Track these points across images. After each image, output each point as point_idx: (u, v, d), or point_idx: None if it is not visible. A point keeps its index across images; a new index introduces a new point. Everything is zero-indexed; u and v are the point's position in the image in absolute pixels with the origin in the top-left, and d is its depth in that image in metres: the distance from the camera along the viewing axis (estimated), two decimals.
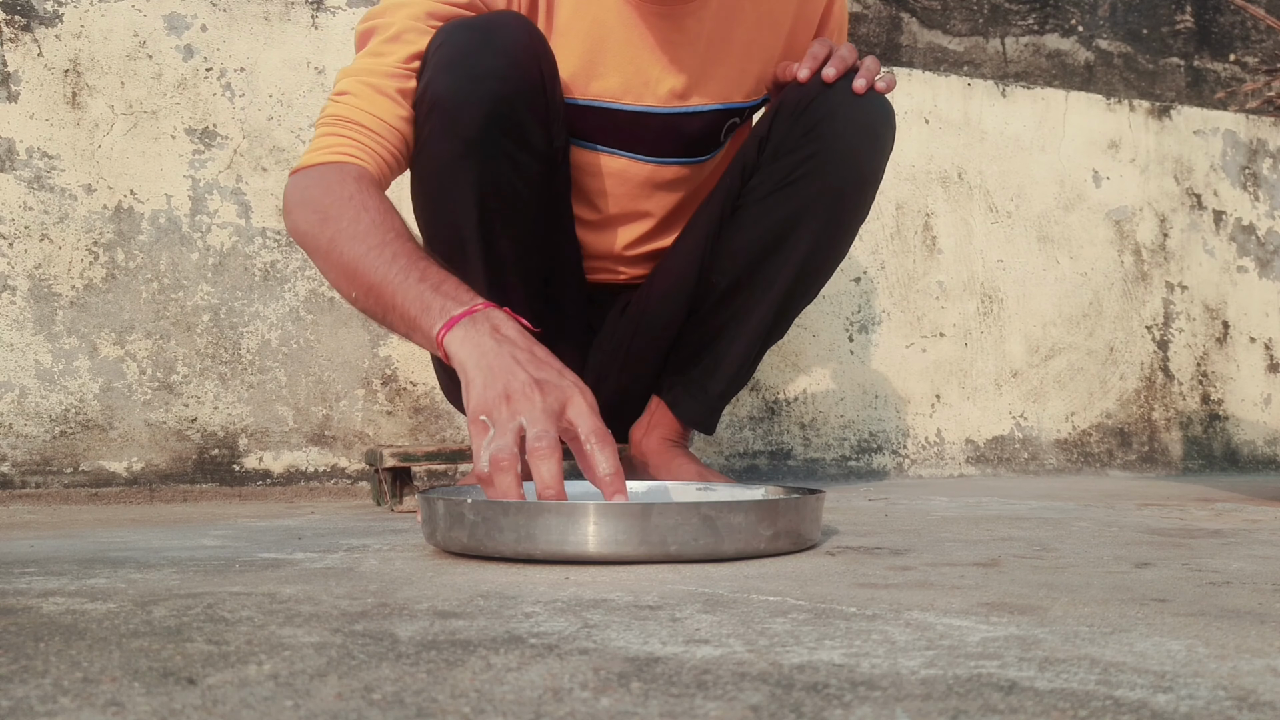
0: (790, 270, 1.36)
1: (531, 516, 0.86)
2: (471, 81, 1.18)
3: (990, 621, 0.63)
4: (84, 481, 1.62)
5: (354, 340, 1.78)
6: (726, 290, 1.38)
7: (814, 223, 1.33)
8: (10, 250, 1.60)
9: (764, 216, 1.34)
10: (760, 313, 1.38)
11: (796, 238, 1.34)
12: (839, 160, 1.31)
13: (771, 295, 1.37)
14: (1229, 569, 0.85)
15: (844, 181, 1.32)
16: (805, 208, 1.32)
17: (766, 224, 1.34)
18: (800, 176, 1.31)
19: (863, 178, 1.33)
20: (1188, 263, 2.49)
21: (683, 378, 1.42)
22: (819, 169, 1.31)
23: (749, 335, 1.39)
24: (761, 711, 0.44)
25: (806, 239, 1.34)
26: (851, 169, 1.32)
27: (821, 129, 1.30)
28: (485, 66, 1.18)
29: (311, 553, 0.96)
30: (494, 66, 1.18)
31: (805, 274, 1.38)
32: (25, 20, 1.63)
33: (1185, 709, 0.45)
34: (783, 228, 1.33)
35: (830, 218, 1.34)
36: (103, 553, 0.95)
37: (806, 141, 1.30)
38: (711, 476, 1.39)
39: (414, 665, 0.52)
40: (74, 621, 0.63)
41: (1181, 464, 2.45)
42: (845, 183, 1.32)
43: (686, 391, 1.42)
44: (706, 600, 0.70)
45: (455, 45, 1.19)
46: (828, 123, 1.30)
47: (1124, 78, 2.49)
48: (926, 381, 2.22)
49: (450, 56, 1.18)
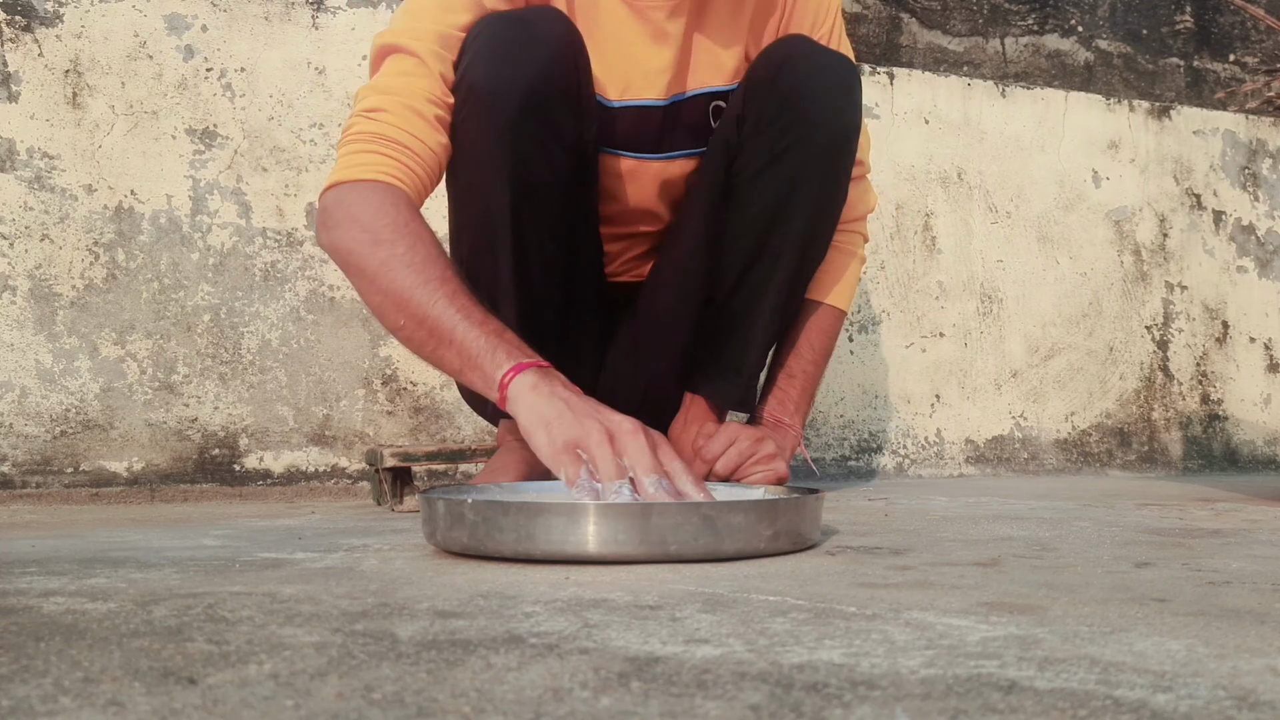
0: (795, 238, 1.37)
1: (531, 516, 0.86)
2: (511, 68, 1.20)
3: (990, 621, 0.63)
4: (84, 481, 1.62)
5: (354, 340, 1.78)
6: (739, 272, 1.39)
7: (809, 187, 1.35)
8: (11, 250, 1.60)
9: (760, 192, 1.35)
10: (775, 285, 1.39)
11: (796, 206, 1.36)
12: (820, 122, 1.33)
13: (783, 266, 1.38)
14: (1229, 569, 0.85)
15: (830, 140, 1.34)
16: (798, 175, 1.34)
17: (765, 199, 1.35)
18: (787, 146, 1.33)
19: (845, 132, 1.36)
20: (1187, 263, 2.49)
21: (715, 368, 1.43)
22: (803, 135, 1.33)
23: (769, 310, 1.41)
24: (761, 711, 0.44)
25: (805, 204, 1.36)
26: (834, 127, 1.34)
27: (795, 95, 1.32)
28: (524, 56, 1.20)
29: (312, 552, 0.96)
30: (532, 56, 1.20)
31: (811, 238, 1.40)
32: (25, 20, 1.63)
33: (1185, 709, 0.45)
34: (780, 199, 1.35)
35: (824, 178, 1.36)
36: (103, 552, 0.95)
37: (784, 110, 1.32)
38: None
39: (414, 665, 0.52)
40: (74, 621, 0.63)
41: (1181, 464, 2.45)
42: (831, 141, 1.35)
43: (723, 379, 1.43)
44: (706, 600, 0.70)
45: (495, 35, 1.21)
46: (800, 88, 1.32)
47: (1124, 78, 2.49)
48: (926, 381, 2.22)
49: (490, 46, 1.20)
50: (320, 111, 1.77)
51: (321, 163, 1.77)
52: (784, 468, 1.38)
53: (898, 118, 2.22)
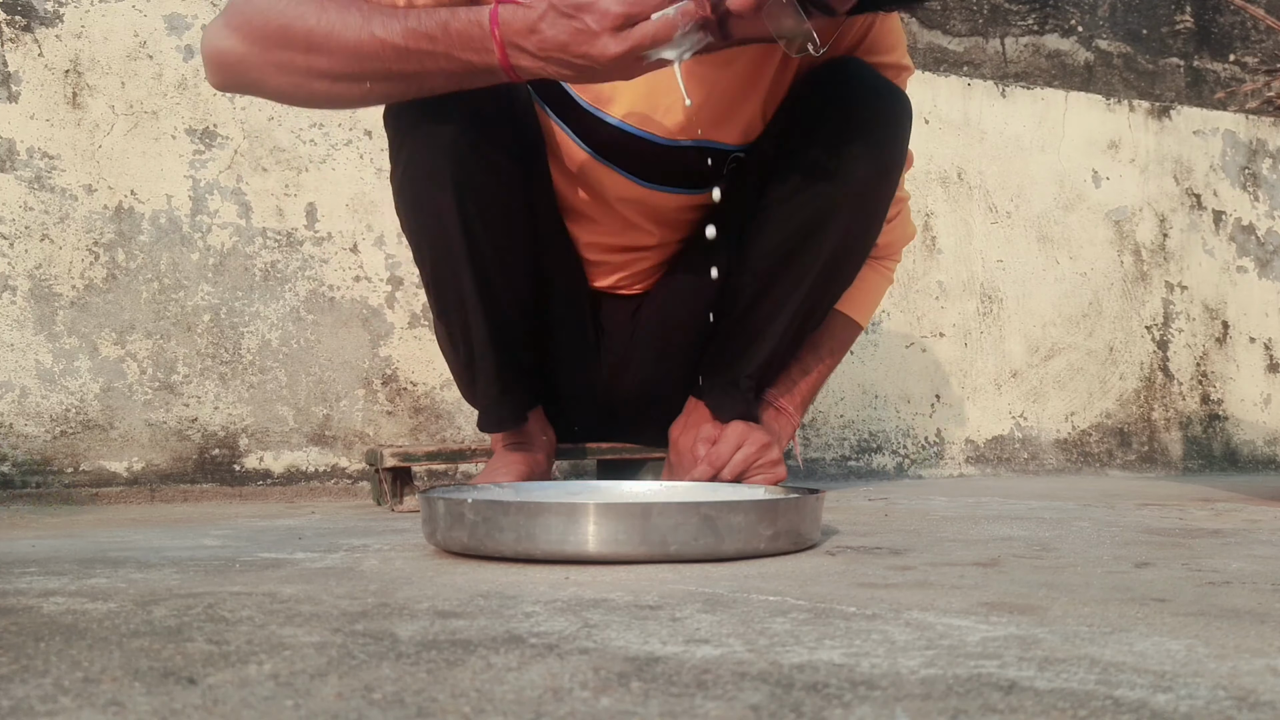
0: (820, 265, 1.34)
1: (531, 516, 0.86)
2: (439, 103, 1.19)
3: (990, 621, 0.63)
4: (84, 481, 1.62)
5: (354, 340, 1.78)
6: (757, 292, 1.37)
7: (842, 217, 1.31)
8: (11, 250, 1.60)
9: (791, 216, 1.32)
10: (792, 307, 1.36)
11: (825, 234, 1.32)
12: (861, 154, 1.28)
13: (802, 291, 1.35)
14: (1229, 569, 0.85)
15: (869, 173, 1.30)
16: (832, 204, 1.30)
17: (794, 224, 1.32)
18: (824, 174, 1.29)
19: (886, 167, 1.31)
20: (1187, 263, 2.49)
21: (723, 378, 1.41)
22: (842, 165, 1.28)
23: (781, 332, 1.38)
24: (761, 711, 0.44)
25: (835, 234, 1.32)
26: (875, 161, 1.30)
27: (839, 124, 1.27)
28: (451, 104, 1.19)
29: (312, 552, 0.95)
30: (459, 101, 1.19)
31: (836, 267, 1.37)
32: (26, 20, 1.63)
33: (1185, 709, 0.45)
34: (810, 225, 1.31)
35: (856, 211, 1.32)
36: (103, 553, 0.95)
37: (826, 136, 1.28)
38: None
39: (414, 665, 0.52)
40: (74, 621, 0.63)
41: (1181, 464, 2.45)
42: (870, 175, 1.30)
43: (729, 391, 1.42)
44: (706, 600, 0.70)
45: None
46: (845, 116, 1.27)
47: (1124, 78, 2.49)
48: (926, 381, 2.22)
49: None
50: (320, 112, 1.77)
51: (322, 162, 1.77)
52: (784, 472, 1.38)
53: None
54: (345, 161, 1.79)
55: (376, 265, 1.80)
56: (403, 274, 1.81)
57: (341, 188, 1.78)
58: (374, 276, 1.80)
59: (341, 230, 1.78)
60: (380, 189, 1.79)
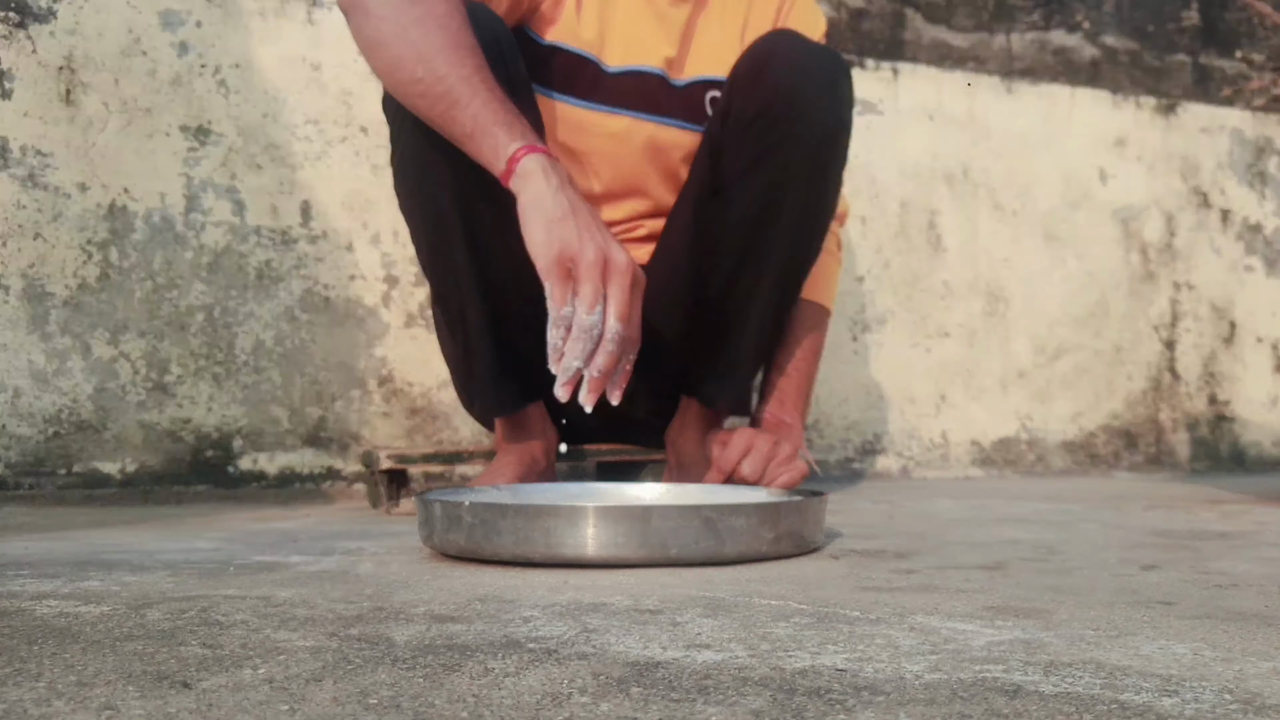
0: (785, 237, 1.36)
1: (530, 519, 0.85)
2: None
3: (995, 625, 0.63)
4: (78, 483, 1.61)
5: (349, 340, 1.77)
6: (729, 272, 1.38)
7: (797, 185, 1.34)
8: (3, 249, 1.60)
9: (746, 191, 1.35)
10: (767, 286, 1.38)
11: (784, 205, 1.35)
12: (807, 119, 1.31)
13: (773, 266, 1.37)
14: (1236, 571, 0.85)
15: (817, 137, 1.33)
16: (784, 173, 1.33)
17: (750, 197, 1.35)
18: (773, 144, 1.32)
19: (833, 129, 1.34)
20: (1195, 262, 2.48)
21: (712, 371, 1.42)
22: (790, 132, 1.31)
23: (762, 311, 1.40)
24: (763, 717, 0.44)
25: (794, 203, 1.35)
26: (822, 124, 1.33)
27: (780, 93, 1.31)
28: None
29: (307, 555, 0.95)
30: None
31: (800, 237, 1.39)
32: (19, 17, 1.62)
33: (1191, 712, 0.44)
34: (767, 198, 1.34)
35: (812, 176, 1.35)
36: (97, 555, 0.95)
37: (769, 107, 1.31)
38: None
39: (410, 670, 0.52)
40: (68, 624, 0.63)
41: (1188, 465, 2.44)
42: (819, 138, 1.33)
43: (719, 382, 1.42)
44: (708, 604, 0.70)
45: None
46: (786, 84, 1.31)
47: (1130, 74, 2.48)
48: (931, 382, 2.21)
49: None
50: (315, 108, 1.76)
51: (317, 160, 1.76)
52: (805, 467, 1.38)
53: (902, 114, 2.21)
54: (340, 159, 1.78)
55: (372, 264, 1.79)
56: (399, 273, 1.80)
57: (336, 185, 1.78)
58: (369, 275, 1.79)
59: (336, 229, 1.77)
60: (376, 186, 1.78)
